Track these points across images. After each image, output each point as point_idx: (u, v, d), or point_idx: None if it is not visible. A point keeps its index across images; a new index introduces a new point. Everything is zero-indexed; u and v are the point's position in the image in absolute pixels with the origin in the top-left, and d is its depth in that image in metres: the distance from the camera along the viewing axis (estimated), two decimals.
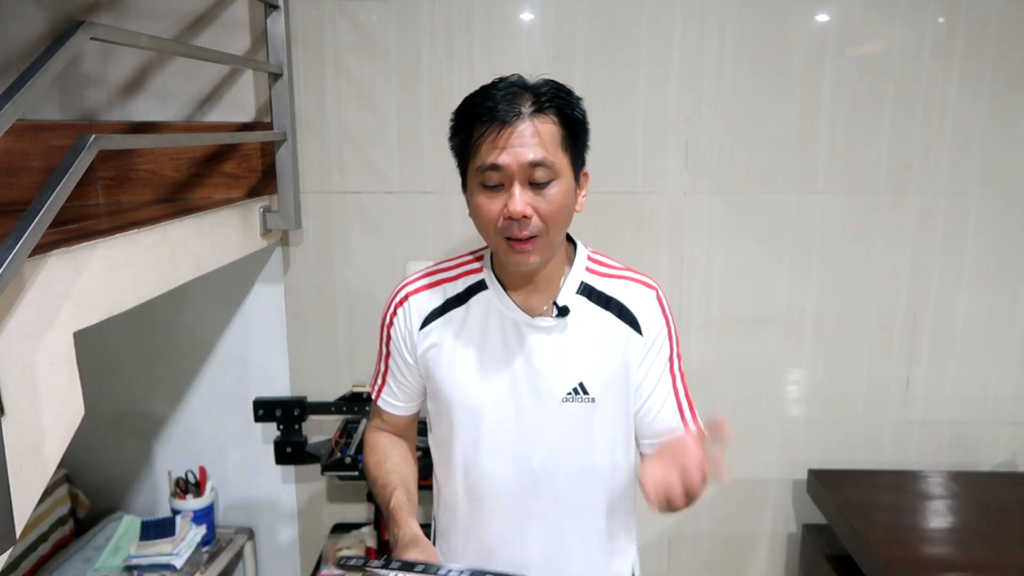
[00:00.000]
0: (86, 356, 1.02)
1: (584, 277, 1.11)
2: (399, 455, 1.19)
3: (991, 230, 1.88)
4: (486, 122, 0.97)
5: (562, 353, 1.08)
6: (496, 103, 0.97)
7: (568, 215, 1.02)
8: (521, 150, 0.95)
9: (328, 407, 1.88)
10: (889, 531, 1.65)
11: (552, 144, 0.97)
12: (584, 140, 1.04)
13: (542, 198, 0.98)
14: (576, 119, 1.01)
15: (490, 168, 0.97)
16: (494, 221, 0.99)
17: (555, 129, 0.98)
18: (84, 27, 0.97)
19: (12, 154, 1.64)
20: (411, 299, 1.14)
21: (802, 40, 1.79)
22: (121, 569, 1.75)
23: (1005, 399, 1.96)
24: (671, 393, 1.13)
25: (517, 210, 0.96)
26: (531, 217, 0.97)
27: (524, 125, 0.96)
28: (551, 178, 0.98)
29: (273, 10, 1.68)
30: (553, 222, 0.99)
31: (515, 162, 0.96)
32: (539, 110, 0.97)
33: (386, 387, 1.20)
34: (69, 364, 0.98)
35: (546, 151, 0.96)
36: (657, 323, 1.11)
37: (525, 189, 0.97)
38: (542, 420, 1.09)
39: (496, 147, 0.96)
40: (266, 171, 1.80)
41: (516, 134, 0.96)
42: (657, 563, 2.06)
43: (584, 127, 1.04)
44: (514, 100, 0.97)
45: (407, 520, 1.04)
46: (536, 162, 0.96)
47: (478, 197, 1.00)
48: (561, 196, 0.99)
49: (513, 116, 0.96)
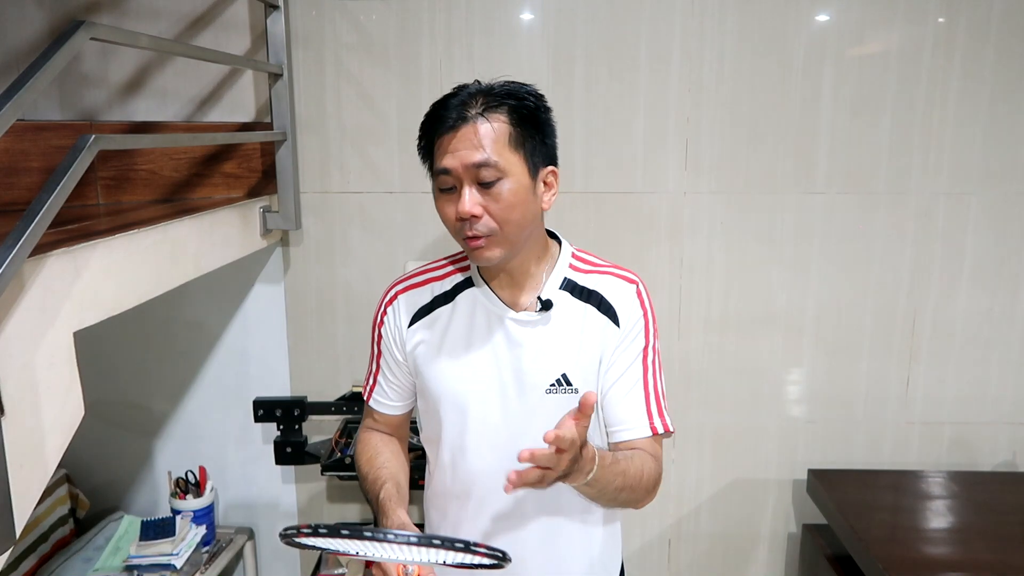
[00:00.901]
0: (86, 356, 1.02)
1: (567, 273, 1.13)
2: (390, 452, 1.20)
3: (991, 230, 1.88)
4: (436, 127, 1.02)
5: (545, 346, 1.10)
6: (448, 110, 1.01)
7: (525, 212, 1.03)
8: (465, 152, 0.99)
9: (328, 407, 1.88)
10: (889, 531, 1.65)
11: (498, 144, 1.00)
12: (541, 137, 1.04)
13: (491, 197, 1.00)
14: (527, 116, 1.02)
15: (441, 172, 1.01)
16: (452, 223, 1.03)
17: (503, 127, 1.00)
18: (84, 27, 0.97)
19: (12, 154, 1.64)
20: (400, 298, 1.17)
21: (802, 40, 1.79)
22: (121, 569, 1.75)
23: (1005, 399, 1.96)
24: (639, 383, 1.12)
25: (465, 210, 1.00)
26: (480, 216, 1.00)
27: (467, 128, 0.99)
28: (498, 177, 1.00)
29: (273, 10, 1.68)
30: (506, 220, 1.01)
31: (460, 164, 0.99)
32: (486, 111, 1.00)
33: (377, 387, 1.22)
34: (69, 364, 0.98)
35: (489, 152, 0.99)
36: (634, 315, 1.12)
37: (474, 189, 1.00)
38: (526, 412, 1.10)
39: (444, 151, 1.01)
40: (266, 171, 1.80)
41: (459, 137, 1.00)
42: (657, 563, 2.06)
43: (540, 124, 1.04)
44: (463, 105, 1.01)
45: (395, 510, 1.05)
46: (479, 163, 0.99)
47: (437, 201, 1.05)
48: (510, 194, 1.00)
49: (459, 120, 1.00)
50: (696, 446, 1.99)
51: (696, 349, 1.94)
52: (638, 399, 1.12)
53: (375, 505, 1.09)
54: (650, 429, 1.11)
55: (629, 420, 1.11)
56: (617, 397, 1.12)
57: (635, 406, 1.12)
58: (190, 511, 1.86)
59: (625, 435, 1.12)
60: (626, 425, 1.12)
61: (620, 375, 1.12)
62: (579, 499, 1.13)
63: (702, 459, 2.00)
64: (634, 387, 1.12)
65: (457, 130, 1.00)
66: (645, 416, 1.11)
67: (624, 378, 1.12)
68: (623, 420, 1.12)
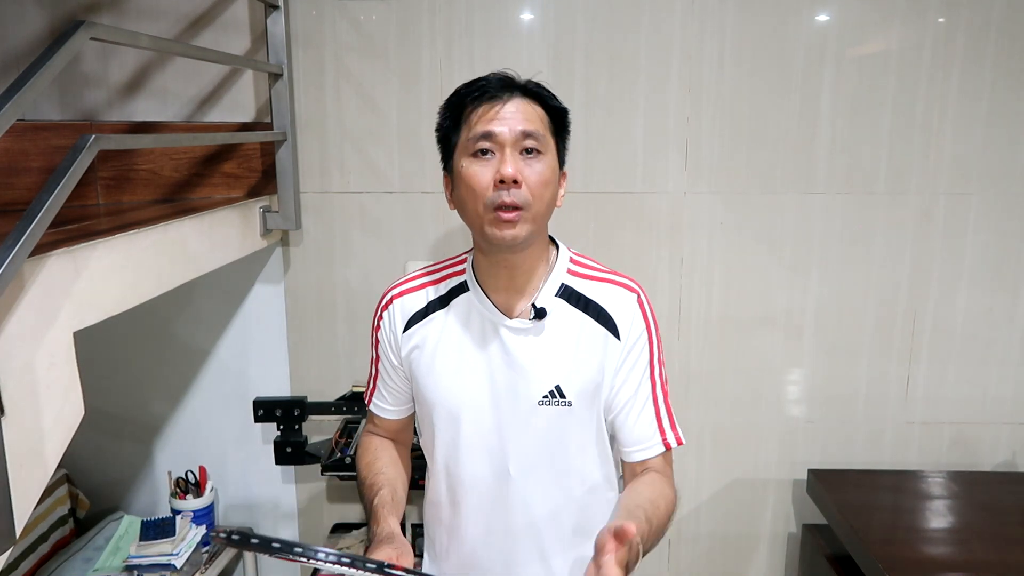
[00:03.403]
0: (86, 356, 1.02)
1: (565, 279, 1.11)
2: (388, 457, 1.20)
3: (991, 230, 1.88)
4: (479, 98, 1.02)
5: (539, 356, 1.07)
6: (489, 83, 1.03)
7: (553, 196, 1.06)
8: (513, 120, 1.00)
9: (328, 407, 1.88)
10: (889, 531, 1.65)
11: (543, 124, 1.03)
12: (564, 137, 1.08)
13: (531, 169, 1.01)
14: (559, 114, 1.07)
15: (483, 136, 1.00)
16: (484, 189, 1.00)
17: (543, 113, 1.04)
18: (84, 27, 0.97)
19: (12, 154, 1.64)
20: (395, 302, 1.16)
21: (802, 40, 1.79)
22: (121, 569, 1.74)
23: (1005, 399, 1.96)
24: (649, 401, 1.11)
25: (508, 172, 0.98)
26: (521, 184, 1.00)
27: (516, 101, 1.02)
28: (541, 150, 1.02)
29: (273, 10, 1.68)
30: (539, 196, 1.02)
31: (508, 128, 1.00)
32: (528, 95, 1.04)
33: (377, 391, 1.22)
34: (69, 364, 0.98)
35: (536, 125, 1.02)
36: (636, 328, 1.10)
37: (516, 156, 1.00)
38: (519, 422, 1.08)
39: (489, 118, 1.01)
40: (266, 171, 1.80)
41: (508, 107, 1.01)
42: (657, 563, 2.06)
43: (566, 123, 1.08)
44: (505, 83, 1.03)
45: (386, 517, 1.04)
46: (528, 132, 1.01)
47: (469, 168, 1.02)
48: (549, 171, 1.03)
49: (507, 93, 1.02)
50: (696, 446, 1.99)
51: (696, 349, 1.94)
52: (649, 417, 1.11)
53: (368, 511, 1.09)
54: (663, 445, 1.10)
55: (644, 440, 1.10)
56: (631, 419, 1.10)
57: (647, 425, 1.10)
58: (190, 511, 1.86)
59: (640, 455, 1.10)
60: (641, 445, 1.10)
61: (631, 395, 1.10)
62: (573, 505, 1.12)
63: (702, 459, 2.00)
64: (644, 407, 1.10)
65: (505, 101, 1.01)
66: (658, 433, 1.11)
67: (635, 398, 1.10)
68: (638, 441, 1.10)
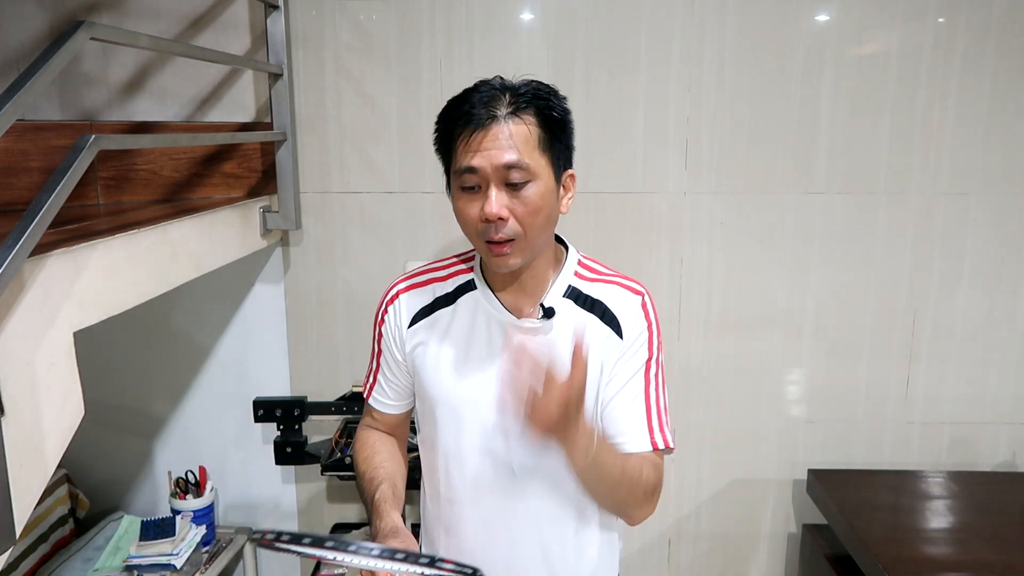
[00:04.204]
0: (86, 356, 1.02)
1: (572, 281, 1.11)
2: (387, 452, 1.19)
3: (991, 230, 1.88)
4: (463, 125, 0.98)
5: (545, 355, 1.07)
6: (473, 106, 0.98)
7: (548, 216, 1.02)
8: (495, 152, 0.96)
9: (328, 407, 1.88)
10: (889, 531, 1.65)
11: (528, 145, 0.98)
12: (566, 141, 1.04)
13: (518, 200, 0.98)
14: (555, 119, 1.01)
15: (466, 171, 0.98)
16: (474, 224, 1.00)
17: (533, 130, 0.98)
18: (84, 27, 0.97)
19: (12, 154, 1.64)
20: (401, 297, 1.15)
21: (802, 40, 1.79)
22: (121, 569, 1.75)
23: (1005, 399, 1.96)
24: (640, 396, 1.09)
25: (492, 212, 0.97)
26: (507, 219, 0.98)
27: (498, 127, 0.96)
28: (527, 179, 0.98)
29: (273, 10, 1.69)
30: (531, 225, 0.99)
31: (489, 164, 0.96)
32: (516, 111, 0.98)
33: (377, 385, 1.21)
34: (69, 364, 0.98)
35: (520, 153, 0.97)
36: (638, 327, 1.09)
37: (501, 191, 0.98)
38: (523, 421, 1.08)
39: (471, 150, 0.97)
40: (266, 171, 1.80)
41: (490, 136, 0.96)
42: (657, 563, 2.06)
43: (565, 127, 1.03)
44: (491, 103, 0.98)
45: (389, 512, 1.04)
46: (511, 164, 0.96)
47: (458, 200, 1.02)
48: (538, 198, 0.99)
49: (488, 119, 0.97)
50: (696, 446, 1.99)
51: (696, 349, 1.94)
52: (639, 412, 1.09)
53: (369, 505, 1.08)
54: (650, 444, 1.08)
55: (629, 432, 1.08)
56: (617, 410, 1.09)
57: (635, 419, 1.09)
58: (190, 511, 1.86)
59: (625, 447, 1.09)
60: (626, 437, 1.08)
61: (621, 387, 1.09)
62: (575, 505, 1.12)
63: (702, 459, 2.00)
64: (635, 400, 1.09)
65: (487, 129, 0.96)
66: (646, 430, 1.08)
67: (625, 391, 1.09)
68: (623, 431, 1.09)
